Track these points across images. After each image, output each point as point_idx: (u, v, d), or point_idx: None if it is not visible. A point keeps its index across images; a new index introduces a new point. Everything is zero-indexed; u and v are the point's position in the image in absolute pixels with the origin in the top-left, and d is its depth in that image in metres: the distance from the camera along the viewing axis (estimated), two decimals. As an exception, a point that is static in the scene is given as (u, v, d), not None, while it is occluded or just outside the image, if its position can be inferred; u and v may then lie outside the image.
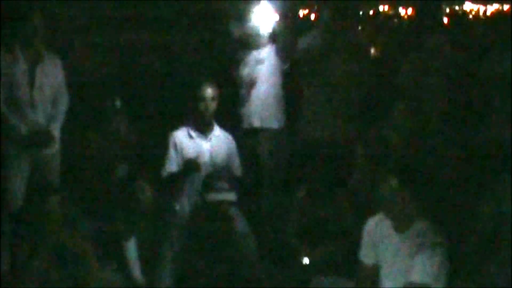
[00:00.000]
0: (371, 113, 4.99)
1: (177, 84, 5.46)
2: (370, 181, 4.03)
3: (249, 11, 5.11)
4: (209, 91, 4.48)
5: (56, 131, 4.50)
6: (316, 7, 9.98)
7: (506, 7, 13.86)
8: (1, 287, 3.75)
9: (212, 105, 4.49)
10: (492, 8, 15.99)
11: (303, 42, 5.13)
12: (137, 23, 6.02)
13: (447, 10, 14.25)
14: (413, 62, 5.25)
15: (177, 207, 4.41)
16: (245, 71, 5.13)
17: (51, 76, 4.49)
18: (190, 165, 4.41)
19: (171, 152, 4.50)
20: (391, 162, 3.74)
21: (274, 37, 5.13)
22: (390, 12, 15.05)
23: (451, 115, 4.74)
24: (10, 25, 4.45)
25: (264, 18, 5.09)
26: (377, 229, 3.52)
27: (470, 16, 14.45)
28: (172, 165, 4.48)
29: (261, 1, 5.12)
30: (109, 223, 4.22)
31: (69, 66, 4.75)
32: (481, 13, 15.95)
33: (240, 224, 4.18)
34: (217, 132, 4.59)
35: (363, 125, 4.86)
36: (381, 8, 15.44)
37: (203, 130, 4.53)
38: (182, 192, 4.43)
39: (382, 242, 3.47)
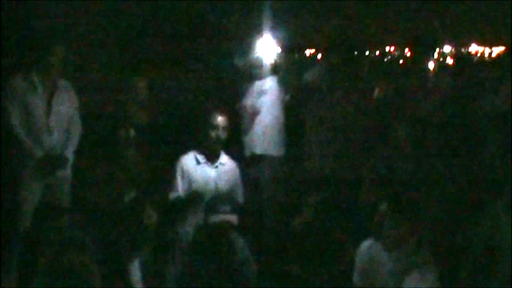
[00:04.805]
0: (373, 140, 5.13)
1: (185, 113, 5.63)
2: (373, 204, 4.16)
3: (253, 44, 5.34)
4: (222, 120, 4.61)
5: (69, 156, 4.65)
6: (322, 47, 10.19)
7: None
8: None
9: (223, 134, 4.61)
10: (497, 50, 16.20)
11: (308, 76, 5.34)
12: (150, 58, 6.20)
13: (453, 51, 14.48)
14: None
15: (179, 232, 4.49)
16: (248, 101, 5.34)
17: (66, 104, 4.67)
18: (195, 195, 4.54)
19: (178, 177, 4.61)
20: (383, 188, 3.91)
21: (276, 69, 5.35)
22: (396, 53, 15.28)
23: (450, 142, 4.91)
24: (30, 54, 4.65)
25: (266, 51, 5.32)
26: (369, 253, 3.68)
27: (475, 58, 14.65)
28: (178, 191, 4.59)
29: (264, 35, 5.35)
30: (114, 245, 4.31)
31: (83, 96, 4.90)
32: (486, 55, 16.15)
33: (241, 248, 4.25)
34: (224, 160, 4.69)
35: (367, 152, 5.01)
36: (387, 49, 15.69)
37: (211, 157, 4.64)
38: (186, 216, 4.52)
39: (374, 264, 3.62)
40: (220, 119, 4.61)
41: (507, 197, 3.74)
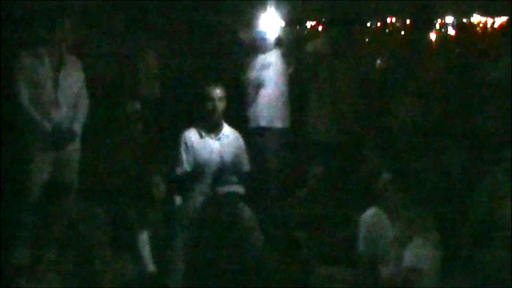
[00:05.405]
0: (376, 109, 5.20)
1: (189, 86, 5.69)
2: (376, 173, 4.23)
3: (257, 18, 5.39)
4: (216, 92, 4.63)
5: (77, 130, 4.69)
6: (323, 19, 10.17)
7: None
8: (22, 278, 3.97)
9: (220, 105, 4.63)
10: (500, 20, 16.14)
11: (311, 46, 5.39)
12: (153, 30, 6.21)
13: (455, 22, 14.46)
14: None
15: (186, 203, 4.55)
16: (252, 74, 5.40)
17: (74, 78, 4.69)
18: (200, 168, 4.61)
19: (182, 152, 4.65)
20: (385, 158, 4.00)
21: (280, 42, 5.41)
22: (397, 23, 15.25)
23: (450, 110, 4.98)
24: (37, 29, 4.68)
25: (270, 25, 5.38)
26: (373, 220, 3.78)
27: (477, 28, 14.63)
28: (183, 165, 4.63)
29: (268, 9, 5.41)
30: (123, 216, 4.42)
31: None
32: (489, 25, 16.11)
33: (248, 216, 4.32)
34: (227, 131, 4.73)
35: (370, 120, 5.08)
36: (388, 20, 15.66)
37: (213, 129, 4.67)
38: (193, 187, 4.59)
39: (378, 232, 3.72)
40: (216, 91, 4.63)
41: (507, 163, 3.82)
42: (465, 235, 3.87)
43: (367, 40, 9.15)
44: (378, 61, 6.94)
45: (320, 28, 10.81)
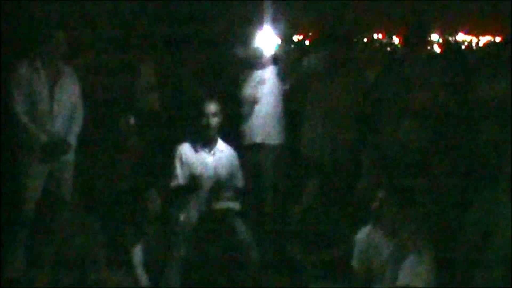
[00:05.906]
0: (371, 126, 5.25)
1: (185, 101, 5.72)
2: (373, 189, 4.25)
3: (253, 34, 5.44)
4: (211, 107, 4.66)
5: (72, 142, 4.71)
6: (310, 34, 10.28)
7: (497, 38, 14.19)
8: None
9: (214, 121, 4.67)
10: (484, 39, 16.39)
11: (306, 62, 5.44)
12: (149, 44, 6.23)
13: (441, 40, 14.63)
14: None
15: (181, 218, 4.54)
16: (248, 90, 5.43)
17: (69, 90, 4.71)
18: (194, 182, 4.63)
19: (177, 166, 4.67)
20: (380, 175, 4.02)
21: (276, 59, 5.45)
22: (384, 40, 15.43)
23: (446, 128, 5.02)
24: (32, 42, 4.68)
25: (266, 41, 5.42)
26: (368, 238, 3.79)
27: (463, 47, 14.79)
28: (178, 179, 4.66)
29: (264, 26, 5.46)
30: (118, 230, 4.42)
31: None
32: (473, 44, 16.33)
33: (243, 232, 4.37)
34: (221, 147, 4.76)
35: (365, 137, 5.11)
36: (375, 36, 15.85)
37: (207, 144, 4.71)
38: (188, 202, 4.60)
39: (373, 249, 3.73)
40: (210, 106, 4.67)
41: (503, 182, 3.85)
42: (460, 253, 3.89)
43: (362, 56, 9.18)
44: (369, 74, 6.98)
45: (311, 43, 10.90)
